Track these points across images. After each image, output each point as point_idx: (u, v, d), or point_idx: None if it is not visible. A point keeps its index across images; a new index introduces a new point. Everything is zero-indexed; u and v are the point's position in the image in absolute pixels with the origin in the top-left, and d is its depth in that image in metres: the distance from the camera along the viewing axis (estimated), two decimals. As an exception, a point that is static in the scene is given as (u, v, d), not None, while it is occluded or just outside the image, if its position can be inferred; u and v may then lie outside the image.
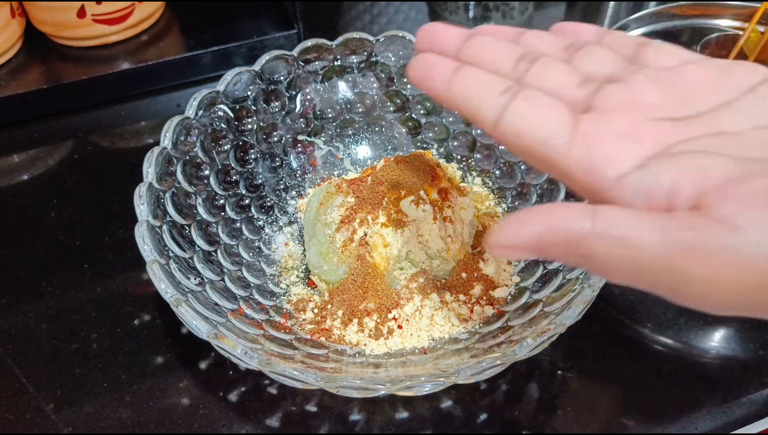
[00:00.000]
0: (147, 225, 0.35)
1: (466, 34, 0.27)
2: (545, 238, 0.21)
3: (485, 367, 0.30)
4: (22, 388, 0.37)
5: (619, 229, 0.20)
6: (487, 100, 0.24)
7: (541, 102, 0.24)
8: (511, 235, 0.21)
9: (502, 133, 0.24)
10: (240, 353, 0.31)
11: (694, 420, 0.35)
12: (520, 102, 0.24)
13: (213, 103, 0.42)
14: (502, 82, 0.25)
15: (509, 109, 0.24)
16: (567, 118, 0.23)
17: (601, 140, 0.22)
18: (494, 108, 0.24)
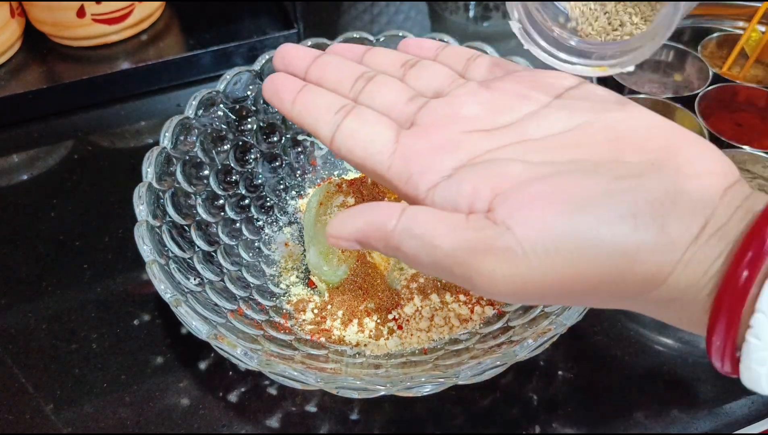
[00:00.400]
0: (146, 225, 0.35)
1: (315, 55, 0.30)
2: (364, 231, 0.24)
3: (486, 368, 0.30)
4: (22, 388, 0.37)
5: (419, 229, 0.22)
6: (323, 118, 0.27)
7: (370, 120, 0.26)
8: (340, 227, 0.24)
9: (337, 149, 0.27)
10: (240, 354, 0.31)
11: (696, 420, 0.35)
12: (350, 120, 0.26)
13: (213, 103, 0.42)
14: (338, 101, 0.27)
15: (341, 127, 0.26)
16: (391, 134, 0.26)
17: (417, 154, 0.25)
18: (329, 126, 0.27)
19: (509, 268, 0.21)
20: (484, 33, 0.63)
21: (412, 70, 0.29)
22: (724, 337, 0.21)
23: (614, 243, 0.21)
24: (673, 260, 0.21)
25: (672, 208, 0.21)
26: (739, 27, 0.56)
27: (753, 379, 0.21)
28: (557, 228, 0.21)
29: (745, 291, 0.20)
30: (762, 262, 0.20)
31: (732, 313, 0.20)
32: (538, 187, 0.22)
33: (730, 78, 0.51)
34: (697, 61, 0.53)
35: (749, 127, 0.49)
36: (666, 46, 0.55)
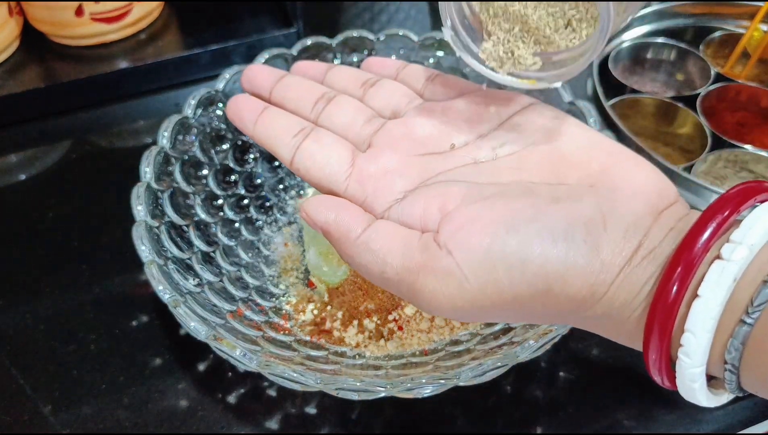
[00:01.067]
0: (145, 225, 0.35)
1: (279, 75, 0.31)
2: (330, 226, 0.25)
3: (487, 369, 0.30)
4: (20, 390, 0.36)
5: (376, 244, 0.24)
6: (282, 140, 0.28)
7: (327, 142, 0.27)
8: (314, 211, 0.25)
9: (296, 170, 0.28)
10: (239, 355, 0.30)
11: (698, 421, 0.35)
12: (308, 143, 0.27)
13: (212, 103, 0.42)
14: (296, 123, 0.28)
15: (300, 148, 0.27)
16: (347, 156, 0.27)
17: (370, 177, 0.26)
18: (288, 148, 0.28)
19: (449, 289, 0.22)
20: (484, 32, 0.62)
21: (372, 90, 0.30)
22: (658, 353, 0.21)
23: (545, 264, 0.21)
24: (606, 282, 0.22)
25: (605, 231, 0.22)
26: (742, 26, 0.56)
27: (689, 393, 0.22)
28: (492, 250, 0.22)
29: (675, 306, 0.21)
30: (689, 276, 0.20)
31: (663, 330, 0.21)
32: (477, 209, 0.23)
33: (732, 77, 0.51)
34: (699, 61, 0.53)
35: (751, 126, 0.48)
36: (668, 45, 0.54)
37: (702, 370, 0.21)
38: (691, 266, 0.20)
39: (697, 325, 0.20)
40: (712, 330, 0.20)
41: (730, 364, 0.20)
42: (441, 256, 0.22)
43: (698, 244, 0.20)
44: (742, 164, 0.45)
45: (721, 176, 0.45)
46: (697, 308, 0.20)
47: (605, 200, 0.22)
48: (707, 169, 0.45)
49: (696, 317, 0.20)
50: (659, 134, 0.50)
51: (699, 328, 0.20)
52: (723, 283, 0.20)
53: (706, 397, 0.22)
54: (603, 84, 0.49)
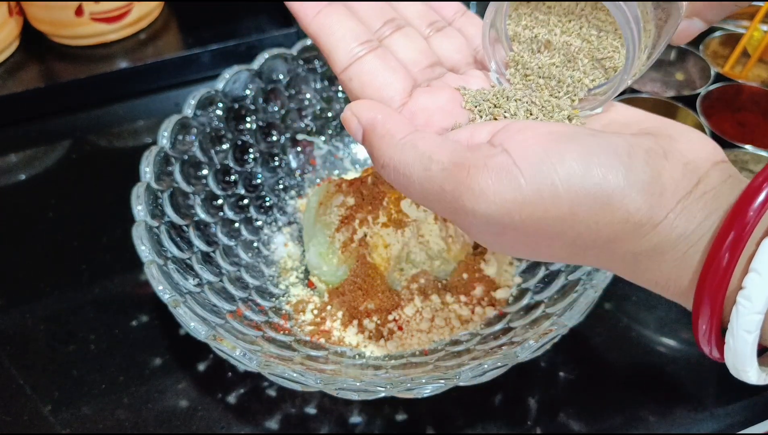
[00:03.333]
0: (145, 225, 0.35)
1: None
2: (376, 122, 0.24)
3: (487, 369, 0.30)
4: (20, 390, 0.36)
5: (423, 143, 0.23)
6: (345, 43, 0.26)
7: (392, 65, 0.26)
8: (358, 106, 0.24)
9: (347, 79, 0.26)
10: (239, 355, 0.30)
11: (698, 421, 0.35)
12: (372, 58, 0.26)
13: (211, 103, 0.42)
14: (364, 32, 0.26)
15: (362, 60, 0.26)
16: (406, 85, 0.26)
17: (424, 110, 0.25)
18: (349, 54, 0.26)
19: (502, 186, 0.21)
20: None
21: (438, 35, 0.29)
22: (711, 305, 0.20)
23: (607, 174, 0.21)
24: (665, 207, 0.21)
25: (666, 162, 0.21)
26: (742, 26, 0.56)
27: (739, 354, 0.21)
28: (551, 153, 0.21)
29: (728, 273, 0.20)
30: (742, 244, 0.20)
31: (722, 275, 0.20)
32: (535, 125, 0.22)
33: (732, 77, 0.51)
34: (699, 61, 0.53)
35: (751, 126, 0.48)
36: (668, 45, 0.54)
37: (761, 319, 0.20)
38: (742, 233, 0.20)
39: (765, 264, 0.19)
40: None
41: None
42: (496, 153, 0.21)
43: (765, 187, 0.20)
44: (742, 164, 0.45)
45: (721, 176, 0.45)
46: (767, 247, 0.19)
47: (664, 141, 0.22)
48: (707, 169, 0.45)
49: (764, 255, 0.19)
50: (659, 134, 0.50)
51: (767, 268, 0.19)
52: None
53: (755, 363, 0.21)
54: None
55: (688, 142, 0.22)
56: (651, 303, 0.40)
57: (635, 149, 0.21)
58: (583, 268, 0.35)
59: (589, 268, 0.34)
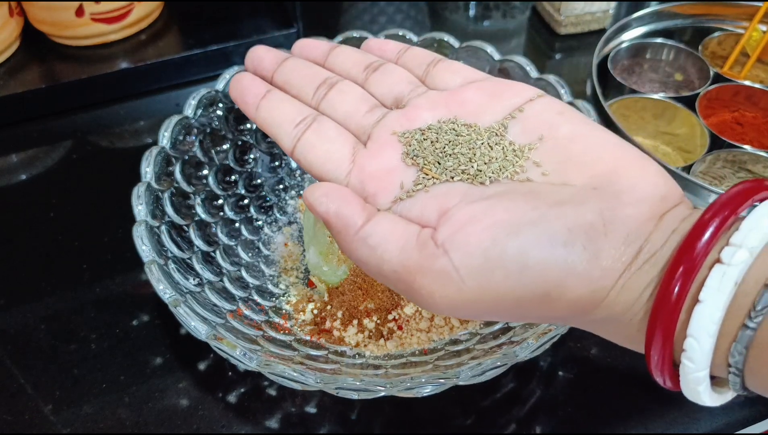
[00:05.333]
0: (145, 225, 0.35)
1: (282, 58, 0.30)
2: (331, 217, 0.24)
3: (486, 369, 0.30)
4: (21, 389, 0.37)
5: (374, 240, 0.23)
6: (284, 129, 0.28)
7: (328, 135, 0.27)
8: (313, 198, 0.25)
9: (297, 160, 0.27)
10: (239, 354, 0.30)
11: (697, 421, 0.35)
12: (309, 134, 0.27)
13: (212, 103, 0.42)
14: (299, 111, 0.28)
15: (301, 140, 0.27)
16: (348, 151, 0.27)
17: (371, 176, 0.26)
18: (290, 137, 0.27)
19: (446, 290, 0.22)
20: (484, 32, 0.63)
21: (374, 75, 0.30)
22: (660, 357, 0.21)
23: (544, 270, 0.21)
24: (605, 287, 0.21)
25: (606, 238, 0.21)
26: (741, 26, 0.56)
27: (693, 395, 0.22)
28: (490, 254, 0.22)
29: (676, 310, 0.20)
30: (690, 280, 0.20)
31: (665, 334, 0.21)
32: (477, 209, 0.23)
33: (731, 77, 0.51)
34: (697, 61, 0.53)
35: (750, 126, 0.48)
36: (667, 45, 0.54)
37: (706, 374, 0.21)
38: (691, 270, 0.20)
39: (700, 330, 0.20)
40: (715, 335, 0.20)
41: (734, 368, 0.20)
42: (438, 255, 0.22)
43: (698, 247, 0.20)
44: (741, 164, 0.46)
45: (720, 176, 0.45)
46: (699, 313, 0.20)
47: (608, 205, 0.22)
48: (706, 169, 0.45)
49: (698, 322, 0.20)
50: (658, 134, 0.50)
51: (702, 333, 0.20)
52: (724, 288, 0.20)
53: (710, 398, 0.22)
54: (602, 84, 0.50)
55: (637, 197, 0.22)
56: (650, 303, 0.40)
57: (574, 233, 0.21)
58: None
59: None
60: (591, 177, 0.23)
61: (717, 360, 0.21)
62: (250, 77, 0.30)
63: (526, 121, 0.26)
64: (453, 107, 0.27)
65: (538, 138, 0.25)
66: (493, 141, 0.25)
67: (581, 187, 0.23)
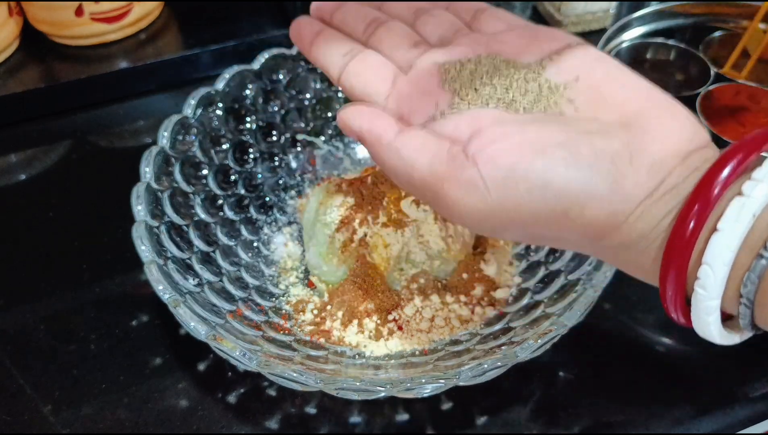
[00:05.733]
0: (145, 225, 0.35)
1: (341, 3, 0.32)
2: (364, 134, 0.26)
3: (486, 369, 0.30)
4: (20, 389, 0.36)
5: (405, 151, 0.25)
6: (333, 60, 0.30)
7: (372, 64, 0.29)
8: (347, 116, 0.27)
9: (343, 88, 0.29)
10: (239, 355, 0.30)
11: (697, 421, 0.35)
12: (355, 63, 0.29)
13: (211, 103, 0.42)
14: (347, 45, 0.30)
15: (347, 68, 0.29)
16: (389, 77, 0.28)
17: (408, 98, 0.27)
18: (337, 66, 0.29)
19: (470, 199, 0.23)
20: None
21: (423, 17, 0.31)
22: (674, 288, 0.22)
23: (567, 186, 0.22)
24: (625, 212, 0.22)
25: (630, 165, 0.22)
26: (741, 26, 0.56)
27: (703, 328, 0.23)
28: (516, 169, 0.22)
29: (692, 240, 0.21)
30: (708, 211, 0.21)
31: (680, 263, 0.22)
32: (509, 129, 0.24)
33: (731, 77, 0.51)
34: (698, 61, 0.53)
35: (751, 126, 0.48)
36: (667, 45, 0.54)
37: (717, 304, 0.21)
38: (708, 202, 0.21)
39: (715, 258, 0.21)
40: (730, 263, 0.21)
41: (746, 298, 0.21)
42: (467, 166, 0.23)
43: (718, 180, 0.21)
44: (742, 164, 0.45)
45: (721, 176, 0.45)
46: (716, 241, 0.21)
47: (635, 139, 0.23)
48: (707, 169, 0.45)
49: (714, 250, 0.21)
50: (659, 134, 0.50)
51: (717, 261, 0.21)
52: (742, 219, 0.20)
53: (719, 333, 0.22)
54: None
55: (663, 133, 0.23)
56: (650, 303, 0.40)
57: (600, 158, 0.22)
58: (583, 269, 0.35)
59: (589, 269, 0.34)
60: (621, 115, 0.24)
61: (729, 292, 0.21)
62: (308, 18, 0.32)
63: (564, 63, 0.27)
64: (494, 47, 0.28)
65: (574, 78, 0.26)
66: (530, 77, 0.26)
67: (611, 122, 0.24)
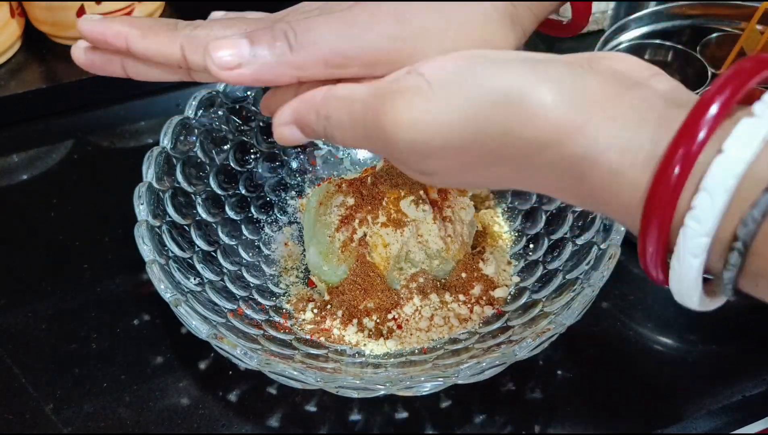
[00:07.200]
0: (146, 225, 0.35)
1: None
2: (297, 109, 0.25)
3: (485, 368, 0.30)
4: (22, 388, 0.37)
5: (342, 90, 0.24)
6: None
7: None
8: (279, 114, 0.26)
9: None
10: (239, 353, 0.31)
11: (694, 420, 0.35)
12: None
13: (213, 103, 0.42)
14: None
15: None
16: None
17: None
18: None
19: (416, 107, 0.22)
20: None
21: None
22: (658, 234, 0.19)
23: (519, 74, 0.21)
24: (588, 109, 0.20)
25: (590, 71, 0.21)
26: (739, 27, 0.56)
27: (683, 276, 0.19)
28: (465, 67, 0.21)
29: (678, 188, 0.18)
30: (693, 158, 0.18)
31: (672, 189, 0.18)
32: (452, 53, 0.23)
33: (729, 78, 0.51)
34: (696, 62, 0.53)
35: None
36: (665, 46, 0.55)
37: (708, 242, 0.18)
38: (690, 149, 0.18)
39: (717, 184, 0.17)
40: (731, 190, 0.17)
41: (741, 242, 0.18)
42: (411, 78, 0.22)
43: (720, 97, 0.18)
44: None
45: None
46: (719, 164, 0.17)
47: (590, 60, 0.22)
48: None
49: (716, 174, 0.17)
50: (657, 135, 0.50)
51: (718, 187, 0.17)
52: (751, 142, 0.17)
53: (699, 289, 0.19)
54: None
55: (620, 59, 0.22)
56: (648, 302, 0.40)
57: (554, 59, 0.21)
58: (581, 268, 0.35)
59: (587, 268, 0.35)
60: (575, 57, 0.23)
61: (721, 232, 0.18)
62: None
63: None
64: None
65: None
66: None
67: None
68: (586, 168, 0.20)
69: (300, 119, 0.26)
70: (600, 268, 0.34)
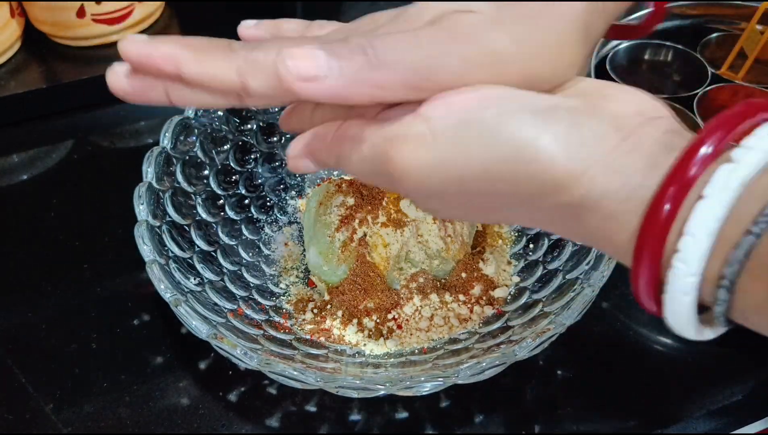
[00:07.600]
0: (146, 225, 0.35)
1: None
2: (310, 144, 0.26)
3: (485, 368, 0.30)
4: (22, 389, 0.37)
5: (352, 130, 0.24)
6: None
7: None
8: (293, 146, 0.26)
9: None
10: (239, 353, 0.31)
11: (694, 420, 0.35)
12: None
13: (212, 103, 0.42)
14: None
15: None
16: None
17: None
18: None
19: (420, 153, 0.22)
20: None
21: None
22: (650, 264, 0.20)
23: (521, 129, 0.21)
24: (586, 160, 0.20)
25: (590, 117, 0.21)
26: (738, 27, 0.56)
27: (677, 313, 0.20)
28: (470, 114, 0.22)
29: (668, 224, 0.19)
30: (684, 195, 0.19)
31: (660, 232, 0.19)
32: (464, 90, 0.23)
33: (729, 78, 0.51)
34: (696, 61, 0.53)
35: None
36: (665, 46, 0.55)
37: (696, 281, 0.19)
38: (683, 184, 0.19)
39: (699, 227, 0.19)
40: (714, 234, 0.19)
41: (728, 280, 0.19)
42: (417, 123, 0.22)
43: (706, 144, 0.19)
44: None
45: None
46: (701, 209, 0.19)
47: (594, 101, 0.22)
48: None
49: (698, 218, 0.19)
50: (657, 135, 0.50)
51: (701, 231, 0.19)
52: (731, 185, 0.18)
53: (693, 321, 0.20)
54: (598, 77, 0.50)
55: (624, 100, 0.22)
56: (648, 302, 0.40)
57: (557, 108, 0.21)
58: (581, 268, 0.35)
59: (587, 268, 0.35)
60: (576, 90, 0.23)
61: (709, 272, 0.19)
62: None
63: None
64: None
65: None
66: None
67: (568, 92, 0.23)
68: (582, 214, 0.21)
69: (312, 153, 0.26)
70: (600, 268, 0.34)
